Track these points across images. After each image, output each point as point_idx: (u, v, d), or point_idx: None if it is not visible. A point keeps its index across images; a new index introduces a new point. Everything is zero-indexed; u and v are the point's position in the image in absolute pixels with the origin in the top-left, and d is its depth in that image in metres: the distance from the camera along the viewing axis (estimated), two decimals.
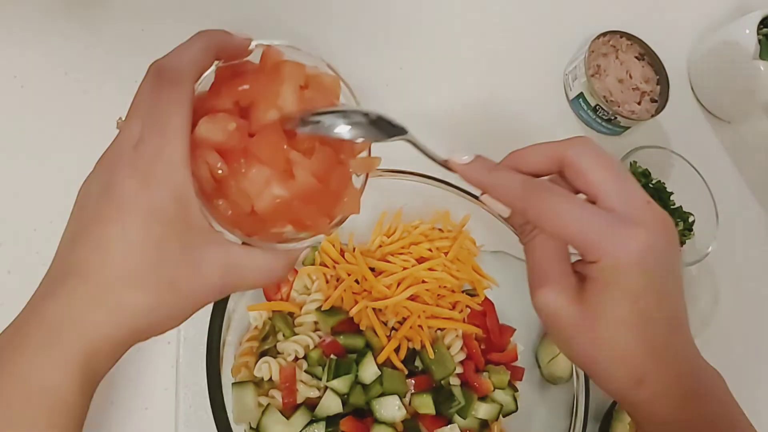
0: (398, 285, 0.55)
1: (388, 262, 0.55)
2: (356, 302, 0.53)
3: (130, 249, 0.28)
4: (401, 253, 0.56)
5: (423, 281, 0.55)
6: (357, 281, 0.55)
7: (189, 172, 0.29)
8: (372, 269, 0.55)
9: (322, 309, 0.53)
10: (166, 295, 0.29)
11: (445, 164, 0.37)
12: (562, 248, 0.35)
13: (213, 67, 0.34)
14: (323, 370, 0.50)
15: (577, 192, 0.35)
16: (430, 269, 0.55)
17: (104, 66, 0.60)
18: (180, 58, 0.31)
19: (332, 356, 0.51)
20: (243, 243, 0.32)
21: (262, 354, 0.52)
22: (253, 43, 0.35)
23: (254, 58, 0.35)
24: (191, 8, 0.65)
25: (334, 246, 0.55)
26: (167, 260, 0.29)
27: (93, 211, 0.29)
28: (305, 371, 0.51)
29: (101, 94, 0.59)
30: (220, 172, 0.31)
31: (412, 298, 0.55)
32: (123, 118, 0.33)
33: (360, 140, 0.35)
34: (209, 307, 0.47)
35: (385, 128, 0.36)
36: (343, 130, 0.33)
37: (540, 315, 0.35)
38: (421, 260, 0.56)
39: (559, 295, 0.34)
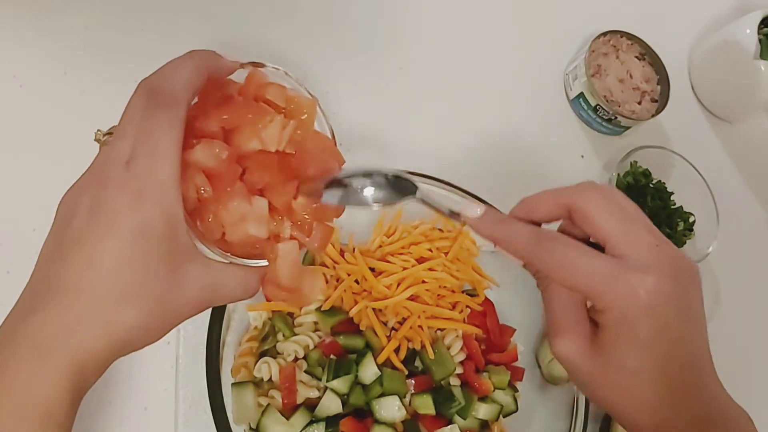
0: (398, 285, 0.54)
1: (388, 262, 0.55)
2: (356, 302, 0.53)
3: (121, 267, 0.29)
4: (401, 253, 0.56)
5: (423, 281, 0.55)
6: (357, 281, 0.55)
7: (179, 192, 0.30)
8: (372, 269, 0.55)
9: (322, 309, 0.53)
10: (152, 311, 0.30)
11: (456, 217, 0.38)
12: (576, 296, 0.35)
13: None
14: (323, 370, 0.50)
15: (588, 238, 0.35)
16: (430, 269, 0.55)
17: (103, 66, 0.60)
18: (174, 79, 0.31)
19: (332, 356, 0.51)
20: (229, 261, 0.33)
21: (262, 354, 0.52)
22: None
23: (238, 75, 0.36)
24: (190, 8, 0.64)
25: (333, 246, 0.55)
26: (155, 278, 0.30)
27: (82, 227, 0.29)
28: (305, 371, 0.50)
29: (100, 94, 0.59)
30: (204, 193, 0.32)
31: (412, 298, 0.54)
32: (102, 131, 0.33)
33: (377, 206, 0.37)
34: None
35: (399, 187, 0.37)
36: (369, 193, 0.36)
37: (559, 362, 0.36)
38: (421, 260, 0.56)
39: (573, 344, 0.34)
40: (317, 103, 0.38)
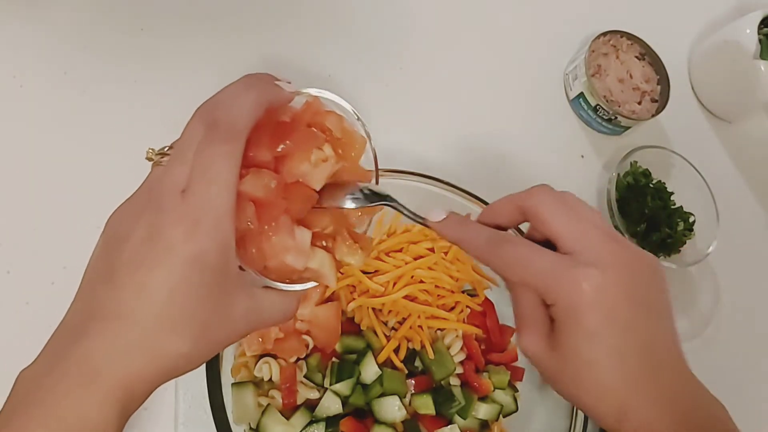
0: (394, 284, 0.55)
1: (383, 261, 0.55)
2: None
3: (173, 296, 0.29)
4: (399, 251, 0.56)
5: (421, 281, 0.55)
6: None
7: (233, 224, 0.30)
8: (366, 273, 0.55)
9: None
10: (200, 340, 0.30)
11: (423, 222, 0.41)
12: (536, 295, 0.36)
13: None
14: (322, 377, 0.50)
15: (546, 240, 0.37)
16: (430, 268, 0.55)
17: (103, 66, 0.60)
18: (234, 111, 0.31)
19: (334, 360, 0.51)
20: (264, 285, 0.34)
21: (262, 354, 0.52)
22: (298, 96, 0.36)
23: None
24: (190, 10, 0.64)
25: None
26: (204, 309, 0.30)
27: (135, 254, 0.30)
28: (304, 376, 0.50)
29: (100, 94, 0.59)
30: (250, 225, 0.32)
31: (411, 298, 0.54)
32: (154, 150, 0.33)
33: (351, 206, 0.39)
34: None
35: (371, 197, 0.40)
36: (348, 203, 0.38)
37: (527, 359, 0.37)
38: (420, 260, 0.56)
39: (534, 340, 0.36)
40: (369, 140, 0.40)
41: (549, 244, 0.36)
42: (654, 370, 0.34)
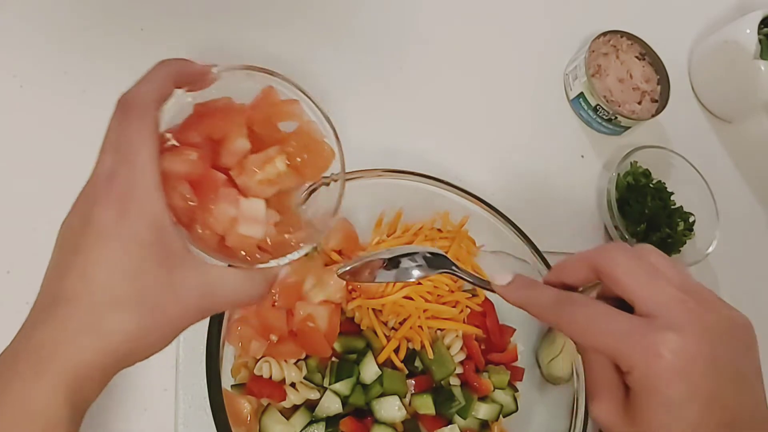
0: (393, 284, 0.54)
1: None
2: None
3: (112, 275, 0.30)
4: None
5: (418, 283, 0.55)
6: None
7: (161, 198, 0.31)
8: None
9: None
10: (148, 318, 0.31)
11: (486, 285, 0.40)
12: (610, 360, 0.34)
13: (191, 101, 0.36)
14: (322, 377, 0.50)
15: (619, 299, 0.35)
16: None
17: (103, 66, 0.60)
18: (141, 91, 0.33)
19: (333, 359, 0.51)
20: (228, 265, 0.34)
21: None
22: (216, 69, 0.36)
23: (243, 94, 0.37)
24: (191, 10, 0.64)
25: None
26: (147, 284, 0.31)
27: (75, 242, 0.31)
28: (304, 377, 0.50)
29: (100, 94, 0.59)
30: (191, 203, 0.33)
31: (411, 298, 0.54)
32: None
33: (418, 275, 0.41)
34: None
35: (436, 261, 0.41)
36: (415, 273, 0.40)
37: (598, 426, 0.36)
38: None
39: (606, 408, 0.34)
40: (338, 145, 0.40)
41: (624, 305, 0.34)
42: None
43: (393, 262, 0.41)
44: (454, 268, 0.41)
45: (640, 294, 0.33)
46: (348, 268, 0.43)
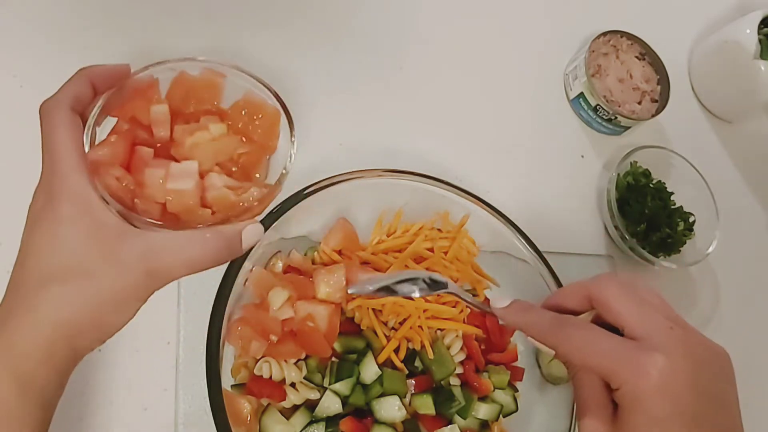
0: None
1: (384, 261, 0.55)
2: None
3: (40, 254, 0.33)
4: (399, 250, 0.56)
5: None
6: None
7: (82, 179, 0.34)
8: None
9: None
10: (90, 287, 0.32)
11: (488, 309, 0.43)
12: (600, 379, 0.37)
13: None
14: (322, 377, 0.50)
15: (612, 327, 0.37)
16: (428, 269, 0.55)
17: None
18: (56, 95, 0.37)
19: (333, 359, 0.51)
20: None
21: None
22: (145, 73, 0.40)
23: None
24: (190, 11, 0.64)
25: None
26: (83, 256, 0.33)
27: (23, 236, 0.35)
28: (304, 377, 0.50)
29: None
30: (125, 184, 0.36)
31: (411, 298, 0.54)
32: None
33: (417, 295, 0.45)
34: (209, 307, 0.47)
35: (435, 284, 0.45)
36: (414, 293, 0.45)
37: None
38: (419, 260, 0.56)
39: (596, 424, 0.36)
40: (282, 110, 0.41)
41: (616, 332, 0.36)
42: None
43: (389, 289, 0.45)
44: (452, 289, 0.44)
45: (630, 320, 0.36)
46: (356, 291, 0.47)
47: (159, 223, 0.35)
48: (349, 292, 0.48)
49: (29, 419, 0.32)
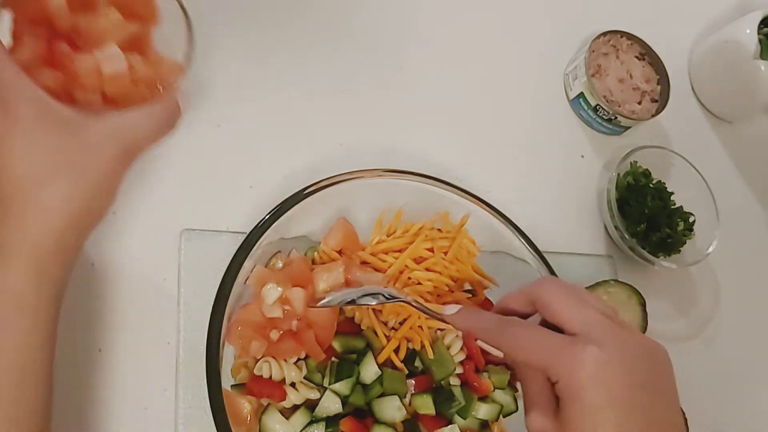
0: (394, 283, 0.54)
1: (382, 261, 0.55)
2: None
3: (22, 160, 0.35)
4: (399, 250, 0.56)
5: (418, 283, 0.55)
6: None
7: (26, 81, 0.35)
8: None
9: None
10: (74, 178, 0.35)
11: (439, 316, 0.46)
12: (542, 375, 0.38)
13: None
14: (322, 377, 0.50)
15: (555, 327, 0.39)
16: (428, 269, 0.55)
17: None
18: None
19: (333, 359, 0.51)
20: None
21: None
22: None
23: None
24: (189, 9, 0.64)
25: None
26: (61, 152, 0.35)
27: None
28: (304, 377, 0.50)
29: None
30: (58, 81, 0.37)
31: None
32: None
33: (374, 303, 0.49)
34: (209, 308, 0.47)
35: (393, 297, 0.49)
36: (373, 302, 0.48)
37: None
38: (419, 260, 0.56)
39: (541, 419, 0.38)
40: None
41: (559, 332, 0.38)
42: None
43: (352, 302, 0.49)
44: (408, 300, 0.48)
45: (568, 317, 0.38)
46: (324, 303, 0.50)
47: (103, 110, 0.38)
48: (320, 305, 0.50)
49: (43, 312, 0.35)
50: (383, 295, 0.48)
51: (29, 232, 0.34)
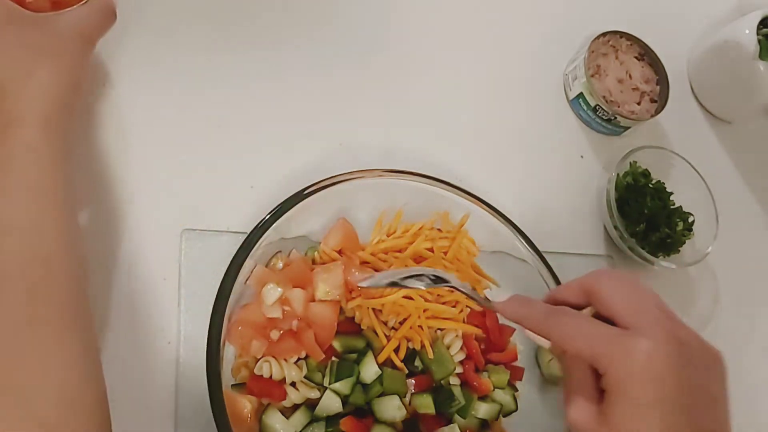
0: None
1: (382, 261, 0.56)
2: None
3: (10, 54, 0.43)
4: (399, 250, 0.56)
5: None
6: None
7: None
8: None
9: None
10: (57, 63, 0.44)
11: (488, 304, 0.47)
12: (588, 366, 0.37)
13: None
14: (322, 376, 0.51)
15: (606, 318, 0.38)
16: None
17: (103, 65, 0.60)
18: None
19: (333, 359, 0.51)
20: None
21: None
22: None
23: None
24: (185, 5, 0.64)
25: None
26: (28, 45, 0.43)
27: None
28: (305, 376, 0.51)
29: (97, 93, 0.59)
30: None
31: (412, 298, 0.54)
32: None
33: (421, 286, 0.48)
34: (209, 307, 0.47)
35: (439, 280, 0.48)
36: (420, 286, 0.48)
37: (573, 428, 0.38)
38: (419, 260, 0.56)
39: (583, 410, 0.36)
40: None
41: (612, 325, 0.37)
42: None
43: (417, 276, 0.48)
44: (454, 284, 0.47)
45: (620, 310, 0.36)
46: (367, 284, 0.50)
47: (52, 11, 0.46)
48: (362, 285, 0.50)
49: (58, 162, 0.42)
50: (428, 278, 0.47)
51: (32, 104, 0.41)
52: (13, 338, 0.35)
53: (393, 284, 0.48)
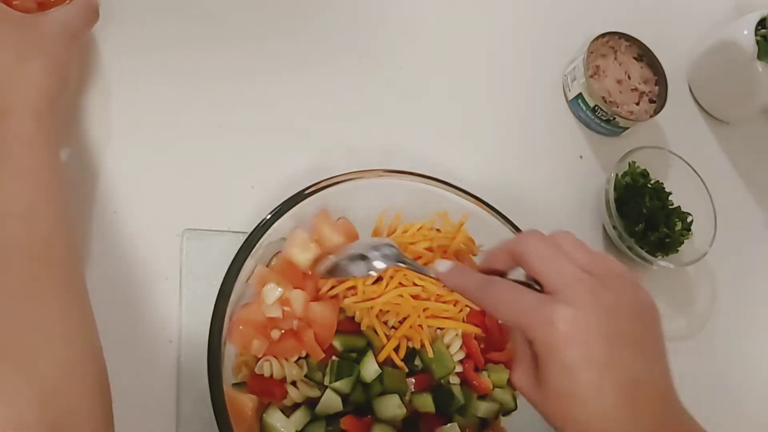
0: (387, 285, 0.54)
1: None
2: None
3: (6, 49, 0.44)
4: None
5: (414, 284, 0.55)
6: None
7: None
8: None
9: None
10: (49, 60, 0.45)
11: (429, 273, 0.46)
12: (522, 333, 0.38)
13: None
14: (323, 375, 0.51)
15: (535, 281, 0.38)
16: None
17: (103, 63, 0.60)
18: None
19: (334, 358, 0.51)
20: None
21: None
22: None
23: None
24: (187, 9, 0.65)
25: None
26: (19, 42, 0.44)
27: None
28: (305, 375, 0.51)
29: (100, 92, 0.59)
30: None
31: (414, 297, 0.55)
32: None
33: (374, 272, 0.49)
34: (210, 307, 0.47)
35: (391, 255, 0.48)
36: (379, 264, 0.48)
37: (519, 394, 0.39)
38: (419, 260, 0.56)
39: (521, 376, 0.38)
40: None
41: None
42: (634, 407, 0.34)
43: (361, 257, 0.48)
44: (404, 262, 0.48)
45: (545, 274, 0.37)
46: (324, 267, 0.50)
47: (38, 11, 0.48)
48: (319, 274, 0.51)
49: (52, 147, 0.44)
50: (374, 254, 0.48)
51: (23, 99, 0.43)
52: (14, 313, 0.35)
53: (333, 272, 0.49)
